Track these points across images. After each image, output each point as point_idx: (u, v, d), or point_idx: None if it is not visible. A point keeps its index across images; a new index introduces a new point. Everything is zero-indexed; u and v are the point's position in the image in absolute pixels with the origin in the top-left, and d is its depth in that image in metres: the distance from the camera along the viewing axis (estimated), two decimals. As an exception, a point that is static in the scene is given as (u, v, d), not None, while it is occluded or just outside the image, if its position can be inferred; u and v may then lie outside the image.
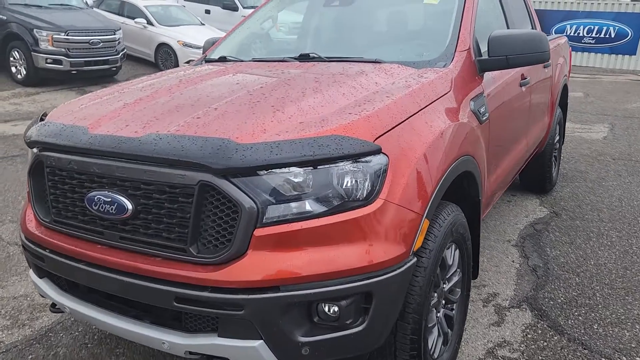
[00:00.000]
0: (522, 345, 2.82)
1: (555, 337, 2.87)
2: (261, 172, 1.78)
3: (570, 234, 4.24)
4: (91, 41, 10.28)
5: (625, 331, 2.91)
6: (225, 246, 1.81)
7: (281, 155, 1.76)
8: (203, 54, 3.70)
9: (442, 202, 2.23)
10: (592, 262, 3.74)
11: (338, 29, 3.36)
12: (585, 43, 16.10)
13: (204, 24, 13.83)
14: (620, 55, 15.60)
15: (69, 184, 2.09)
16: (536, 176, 4.95)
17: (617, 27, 15.55)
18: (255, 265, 1.77)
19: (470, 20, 2.92)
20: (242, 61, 3.16)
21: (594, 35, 15.98)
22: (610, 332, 2.91)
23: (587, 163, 6.26)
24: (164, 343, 1.96)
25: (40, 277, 2.31)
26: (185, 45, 12.29)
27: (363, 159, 1.84)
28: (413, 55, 2.83)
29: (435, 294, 2.25)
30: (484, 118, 2.71)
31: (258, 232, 1.78)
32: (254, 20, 3.72)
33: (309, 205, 1.81)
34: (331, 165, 1.80)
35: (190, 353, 1.97)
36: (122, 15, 13.14)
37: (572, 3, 16.35)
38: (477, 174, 2.54)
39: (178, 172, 1.83)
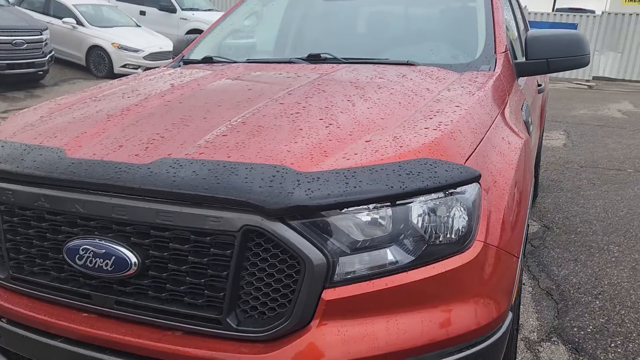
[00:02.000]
0: (571, 388, 2.47)
1: (603, 376, 2.55)
2: (330, 213, 1.29)
3: (571, 250, 4.00)
4: (14, 42, 9.19)
5: (673, 364, 2.64)
6: (279, 314, 1.30)
7: (360, 188, 1.27)
8: (174, 55, 3.12)
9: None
10: (606, 282, 3.49)
11: (347, 27, 2.88)
12: (521, 52, 16.54)
13: (139, 26, 12.90)
14: (553, 64, 16.15)
15: (36, 228, 1.50)
16: (524, 188, 4.72)
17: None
18: (327, 343, 1.27)
19: (501, 17, 2.55)
20: (234, 62, 2.63)
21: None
22: (658, 366, 2.63)
23: (557, 172, 6.16)
24: None
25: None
26: (121, 48, 11.35)
27: (457, 190, 1.39)
28: (447, 56, 2.42)
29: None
30: (530, 129, 2.35)
31: (327, 294, 1.28)
32: (236, 16, 3.18)
33: (391, 255, 1.33)
34: (418, 200, 1.34)
35: None
36: (47, 14, 11.95)
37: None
38: (530, 197, 2.16)
39: (210, 213, 1.29)
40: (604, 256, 3.89)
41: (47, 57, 9.90)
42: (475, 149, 1.53)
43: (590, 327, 2.97)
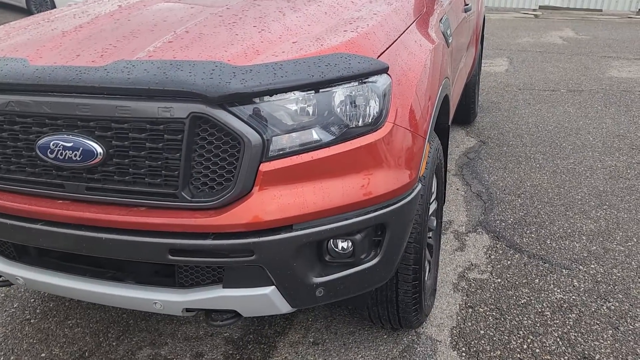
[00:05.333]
0: (489, 266, 2.90)
1: (517, 255, 2.99)
2: (264, 99, 1.56)
3: (502, 160, 4.42)
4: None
5: (575, 243, 3.10)
6: (226, 187, 1.58)
7: (286, 77, 1.53)
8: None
9: (429, 128, 2.14)
10: (529, 184, 3.93)
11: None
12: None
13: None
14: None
15: (9, 131, 1.71)
16: (462, 107, 5.07)
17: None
18: (265, 204, 1.57)
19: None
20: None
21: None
22: (563, 245, 3.08)
23: (497, 94, 6.54)
24: (155, 303, 1.72)
25: (-24, 247, 1.92)
26: (63, -13, 10.93)
27: (370, 80, 1.67)
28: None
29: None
30: (450, 41, 2.63)
31: (264, 167, 1.57)
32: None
33: (315, 134, 1.62)
34: (337, 88, 1.62)
35: (187, 310, 1.75)
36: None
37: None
38: (450, 99, 2.48)
39: (162, 104, 1.54)
40: (530, 163, 4.32)
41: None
42: (387, 48, 1.81)
43: (511, 219, 3.40)
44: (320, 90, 1.60)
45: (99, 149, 1.61)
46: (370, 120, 1.67)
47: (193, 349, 2.33)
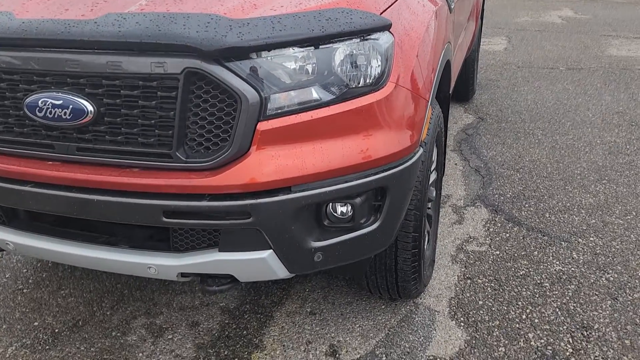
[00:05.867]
0: (487, 238, 2.87)
1: (515, 228, 2.96)
2: (261, 54, 1.49)
3: (500, 136, 4.37)
4: None
5: (574, 216, 3.07)
6: (222, 147, 1.53)
7: (285, 31, 1.47)
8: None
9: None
10: (527, 159, 3.89)
11: None
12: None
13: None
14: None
15: (-6, 88, 1.64)
16: (461, 83, 5.00)
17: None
18: (263, 165, 1.52)
19: None
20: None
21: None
22: (562, 218, 3.05)
23: (496, 72, 6.47)
24: (150, 268, 1.67)
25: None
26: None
27: (372, 37, 1.61)
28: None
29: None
30: (452, 7, 2.56)
31: (262, 126, 1.51)
32: None
33: (315, 93, 1.56)
34: (337, 44, 1.56)
35: (183, 275, 1.71)
36: None
37: None
38: (451, 66, 2.42)
39: (154, 59, 1.48)
40: (529, 139, 4.28)
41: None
42: (390, 6, 1.75)
43: (510, 193, 3.37)
44: (320, 47, 1.54)
45: (90, 107, 1.54)
46: (372, 80, 1.62)
47: (189, 319, 2.29)
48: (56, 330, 2.23)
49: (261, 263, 1.62)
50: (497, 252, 2.73)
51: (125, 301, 2.40)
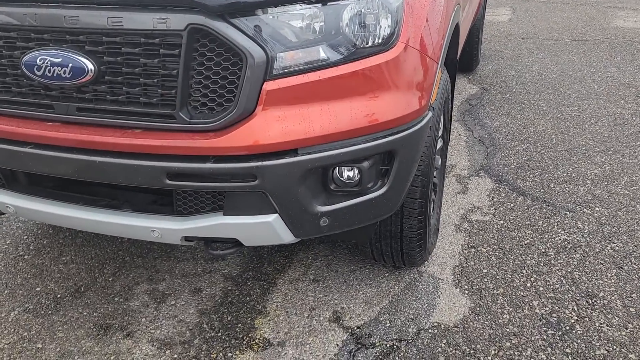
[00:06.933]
0: (492, 208, 2.84)
1: (520, 198, 2.93)
2: (267, 10, 1.44)
3: (505, 107, 4.32)
4: None
5: (579, 187, 3.04)
6: (226, 107, 1.48)
7: (292, -13, 1.41)
8: None
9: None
10: (532, 130, 3.84)
11: None
12: None
13: None
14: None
15: (-9, 47, 1.59)
16: (465, 53, 4.92)
17: None
18: (269, 126, 1.48)
19: None
20: None
21: None
22: (567, 189, 3.03)
23: (500, 43, 6.37)
24: (153, 231, 1.65)
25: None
26: None
27: (381, -6, 1.55)
28: None
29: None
30: (461, -30, 2.48)
31: (268, 85, 1.46)
32: None
33: (323, 52, 1.51)
34: (347, 1, 1.50)
35: (187, 239, 1.68)
36: None
37: None
38: (459, 30, 2.36)
39: (157, 15, 1.42)
40: (533, 110, 4.23)
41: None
42: (399, -37, 1.68)
43: (514, 164, 3.34)
44: (328, 4, 1.48)
45: (90, 66, 1.50)
46: (381, 40, 1.56)
47: (191, 285, 2.28)
48: (58, 296, 2.21)
49: (266, 227, 1.60)
50: (502, 222, 2.71)
51: (127, 268, 2.38)
